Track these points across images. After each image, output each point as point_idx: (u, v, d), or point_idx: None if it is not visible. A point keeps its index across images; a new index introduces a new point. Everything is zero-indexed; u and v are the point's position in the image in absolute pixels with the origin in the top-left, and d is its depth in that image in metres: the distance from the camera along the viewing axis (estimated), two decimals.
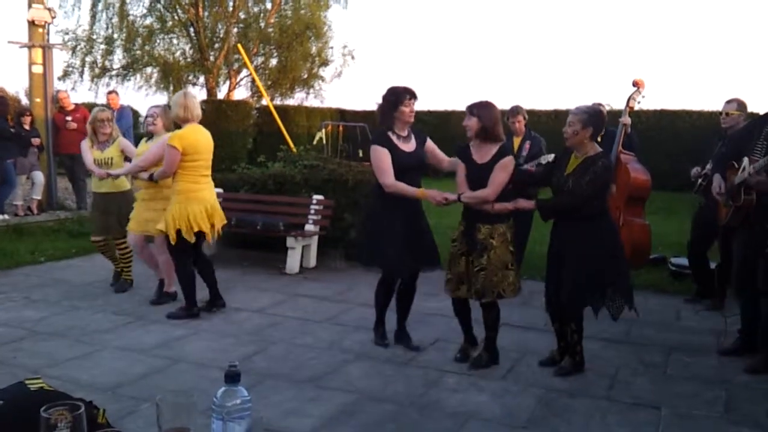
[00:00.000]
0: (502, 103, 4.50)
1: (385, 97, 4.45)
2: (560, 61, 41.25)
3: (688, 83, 36.82)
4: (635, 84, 5.79)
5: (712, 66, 38.82)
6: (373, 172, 4.49)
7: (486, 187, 4.10)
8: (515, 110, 6.45)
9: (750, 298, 4.43)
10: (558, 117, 14.26)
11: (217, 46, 21.62)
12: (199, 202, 5.13)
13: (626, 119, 5.76)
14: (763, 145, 4.15)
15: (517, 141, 6.50)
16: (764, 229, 4.15)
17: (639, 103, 5.80)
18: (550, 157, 5.42)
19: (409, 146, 4.44)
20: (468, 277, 4.18)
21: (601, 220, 4.08)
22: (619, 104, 5.72)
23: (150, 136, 5.67)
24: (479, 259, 4.09)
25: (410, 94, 4.40)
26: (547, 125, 13.07)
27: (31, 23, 9.48)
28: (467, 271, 4.18)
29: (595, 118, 4.01)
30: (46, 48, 9.67)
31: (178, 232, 5.05)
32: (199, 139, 5.13)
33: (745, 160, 4.20)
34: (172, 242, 5.10)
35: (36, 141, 9.20)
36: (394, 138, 4.39)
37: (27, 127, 9.29)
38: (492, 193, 4.09)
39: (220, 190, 7.77)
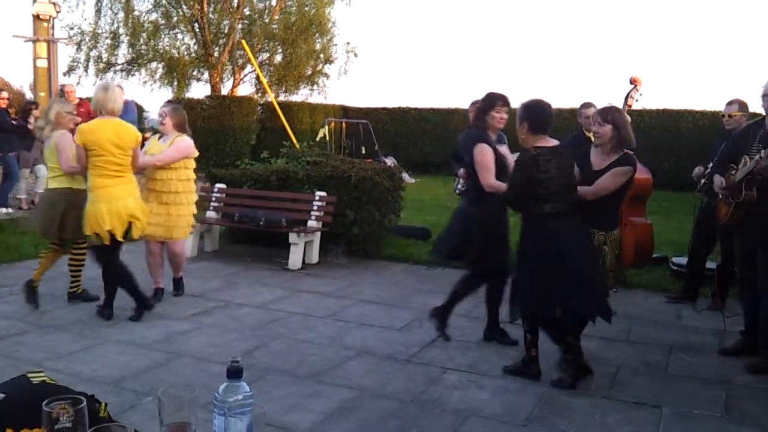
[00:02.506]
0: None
1: (480, 101, 4.56)
2: (562, 59, 41.20)
3: (691, 83, 36.79)
4: (632, 82, 5.75)
5: (715, 66, 38.78)
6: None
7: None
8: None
9: (752, 298, 4.42)
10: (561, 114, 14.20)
11: (221, 42, 21.66)
12: (107, 201, 4.73)
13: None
14: (758, 147, 4.15)
15: None
16: (762, 220, 4.14)
17: (637, 101, 5.75)
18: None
19: (502, 149, 4.54)
20: None
21: (535, 222, 3.87)
22: (618, 103, 5.68)
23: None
24: None
25: (502, 101, 4.46)
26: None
27: (36, 17, 9.49)
28: None
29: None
30: (51, 42, 9.68)
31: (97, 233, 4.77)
32: (102, 133, 4.69)
33: (745, 158, 4.19)
34: (97, 243, 4.85)
35: None
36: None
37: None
38: (591, 193, 4.00)
39: (223, 186, 7.82)
